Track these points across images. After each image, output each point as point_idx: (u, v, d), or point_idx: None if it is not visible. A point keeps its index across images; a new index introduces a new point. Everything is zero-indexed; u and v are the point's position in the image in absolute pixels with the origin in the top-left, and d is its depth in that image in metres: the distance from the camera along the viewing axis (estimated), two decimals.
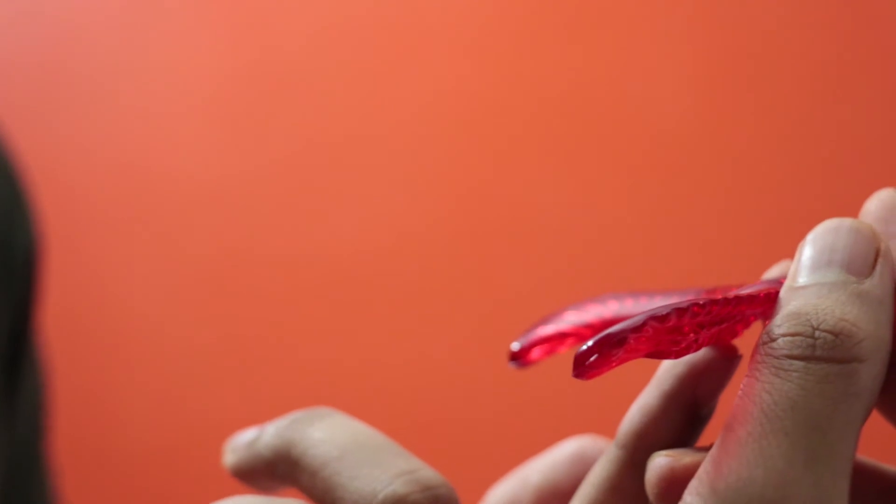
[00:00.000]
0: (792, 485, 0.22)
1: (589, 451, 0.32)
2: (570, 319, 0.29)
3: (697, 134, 0.95)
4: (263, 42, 1.01)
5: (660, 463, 0.25)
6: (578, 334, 0.28)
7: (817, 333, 0.23)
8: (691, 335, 0.24)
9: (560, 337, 0.28)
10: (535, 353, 0.28)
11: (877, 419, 0.29)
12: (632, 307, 0.28)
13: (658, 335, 0.24)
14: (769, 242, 0.93)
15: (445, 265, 0.98)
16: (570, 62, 0.96)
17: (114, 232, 1.02)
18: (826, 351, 0.23)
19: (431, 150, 0.99)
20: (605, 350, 0.23)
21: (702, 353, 0.26)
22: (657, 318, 0.23)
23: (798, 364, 0.23)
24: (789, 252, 0.29)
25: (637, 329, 0.23)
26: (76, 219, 1.02)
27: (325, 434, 0.28)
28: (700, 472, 0.23)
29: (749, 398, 0.23)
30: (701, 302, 0.24)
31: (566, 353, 0.28)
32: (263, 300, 1.00)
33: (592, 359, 0.23)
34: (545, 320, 0.29)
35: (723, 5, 0.95)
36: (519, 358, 0.28)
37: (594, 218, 0.96)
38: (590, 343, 0.23)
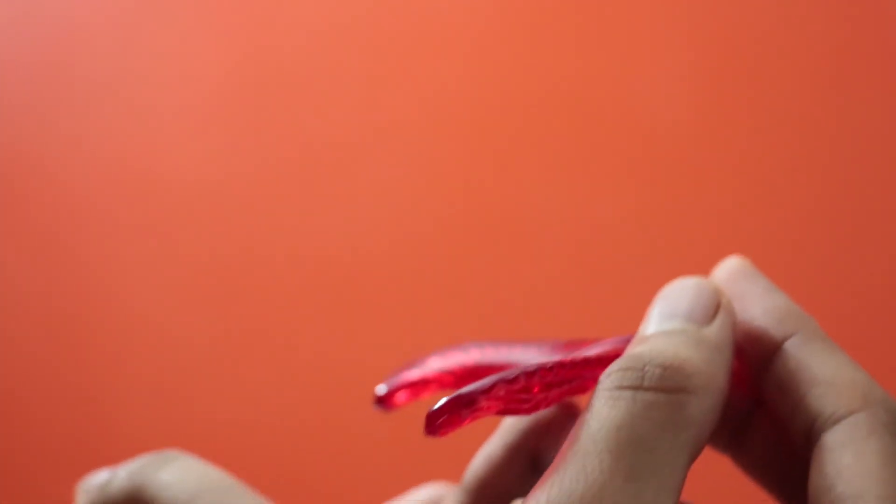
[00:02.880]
0: (611, 495, 0.22)
1: (442, 497, 0.34)
2: (434, 366, 0.30)
3: (698, 134, 0.95)
4: (264, 42, 1.01)
5: None
6: (440, 380, 0.30)
7: (647, 368, 0.24)
8: (540, 395, 0.25)
9: (423, 382, 0.30)
10: (400, 397, 0.30)
11: (735, 471, 0.30)
12: (492, 355, 0.30)
13: (508, 395, 0.25)
14: (770, 242, 0.93)
15: (446, 265, 0.98)
16: (570, 63, 0.97)
17: (114, 232, 1.02)
18: (653, 381, 0.24)
19: (432, 150, 0.99)
20: (456, 410, 0.25)
21: (545, 410, 0.28)
22: (506, 381, 0.25)
23: (626, 393, 0.24)
24: (790, 253, 0.30)
25: (486, 391, 0.25)
26: (76, 219, 1.02)
27: (175, 477, 0.30)
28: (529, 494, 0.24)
29: (578, 425, 0.24)
30: (549, 366, 0.25)
31: (430, 398, 0.29)
32: (263, 300, 1.00)
33: (442, 419, 0.25)
34: (409, 365, 0.31)
35: (723, 5, 0.95)
36: (384, 402, 0.30)
37: (594, 219, 0.96)
38: (441, 403, 0.25)
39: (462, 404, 0.25)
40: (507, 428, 0.30)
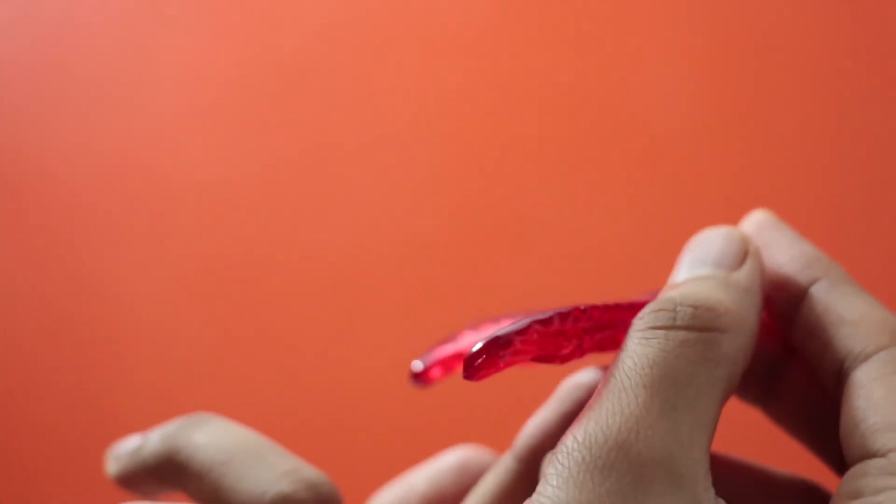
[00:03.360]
0: (647, 428, 0.23)
1: (473, 461, 0.34)
2: (467, 340, 0.31)
3: (698, 134, 0.95)
4: (264, 42, 1.01)
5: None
6: None
7: (679, 308, 0.25)
8: (575, 340, 0.26)
9: (457, 357, 0.30)
10: (435, 372, 0.30)
11: (765, 423, 0.30)
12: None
13: (543, 339, 0.25)
14: None
15: (446, 266, 0.98)
16: (570, 63, 0.96)
17: (114, 232, 1.02)
18: (685, 320, 0.24)
19: (433, 150, 0.99)
20: (493, 352, 0.25)
21: (599, 376, 0.28)
22: (541, 322, 0.25)
23: (659, 332, 0.24)
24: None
25: (522, 332, 0.25)
26: (76, 219, 1.02)
27: (209, 438, 0.30)
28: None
29: (613, 366, 0.24)
30: (582, 307, 0.26)
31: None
32: (264, 300, 1.00)
33: (480, 360, 0.25)
34: (444, 341, 0.31)
35: (723, 5, 0.95)
36: (420, 378, 0.30)
37: (594, 219, 0.96)
38: (478, 345, 0.25)
39: (499, 345, 0.25)
40: (562, 395, 0.30)
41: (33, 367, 1.03)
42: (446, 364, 0.30)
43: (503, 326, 0.30)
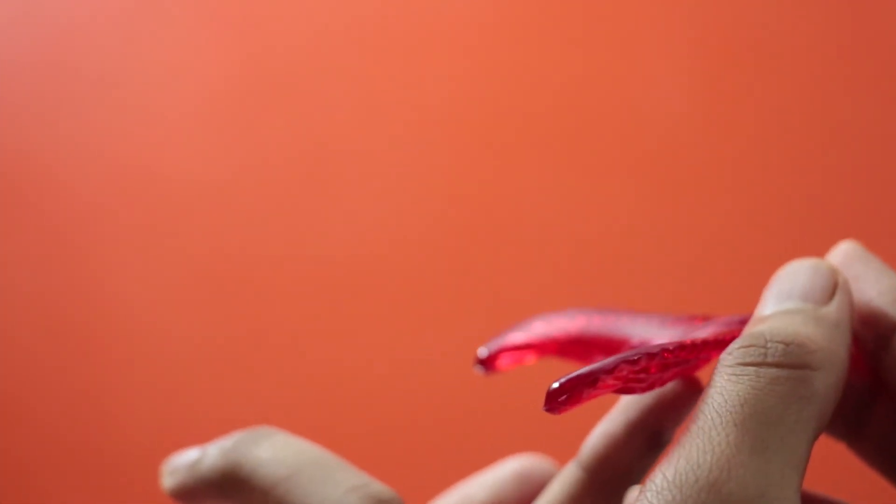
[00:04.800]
0: (738, 468, 0.22)
1: (533, 471, 0.33)
2: (538, 330, 0.30)
3: (697, 134, 0.95)
4: (264, 42, 1.01)
5: (635, 494, 0.26)
6: (543, 347, 0.30)
7: (769, 344, 0.24)
8: (655, 374, 0.26)
9: (526, 347, 0.30)
10: (503, 360, 0.30)
11: (851, 459, 0.29)
12: (598, 325, 0.30)
13: (627, 375, 0.25)
14: (769, 242, 0.93)
15: (445, 266, 0.98)
16: (571, 63, 0.97)
17: (114, 232, 1.02)
18: (777, 357, 0.24)
19: (432, 150, 0.99)
20: (577, 390, 0.25)
21: (667, 386, 0.28)
22: (629, 362, 0.25)
23: (749, 369, 0.24)
24: (789, 252, 0.30)
25: (609, 371, 0.25)
26: (76, 219, 1.02)
27: (273, 453, 0.29)
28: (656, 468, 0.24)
29: (702, 402, 0.24)
30: (671, 348, 0.26)
31: (533, 364, 0.29)
32: (263, 300, 1.00)
33: (564, 397, 0.25)
34: (513, 328, 0.30)
35: (723, 5, 0.95)
36: (486, 364, 0.30)
37: (594, 220, 0.96)
38: (562, 381, 0.25)
39: (585, 384, 0.25)
40: (629, 405, 0.29)
41: (33, 367, 1.03)
42: (516, 355, 0.30)
43: (575, 322, 0.29)
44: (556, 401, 0.25)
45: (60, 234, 1.02)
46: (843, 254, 0.29)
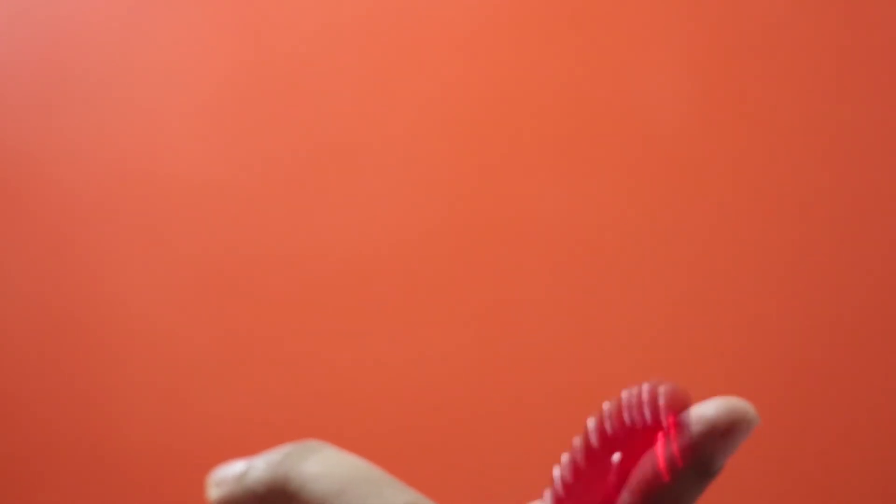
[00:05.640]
0: None
1: None
2: None
3: (697, 134, 0.95)
4: (264, 42, 1.01)
5: None
6: None
7: None
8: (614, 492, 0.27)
9: None
10: None
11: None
12: None
13: None
14: (769, 242, 0.93)
15: (445, 265, 0.98)
16: (571, 63, 0.97)
17: (114, 232, 1.02)
18: None
19: (432, 150, 0.99)
20: None
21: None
22: None
23: None
24: (789, 252, 0.29)
25: None
26: (76, 219, 1.02)
27: (322, 469, 0.28)
28: None
29: None
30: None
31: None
32: (262, 300, 1.00)
33: None
34: None
35: (723, 5, 0.95)
36: None
37: (593, 219, 0.96)
38: None
39: None
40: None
41: (33, 366, 1.03)
42: None
43: None
44: None
45: (60, 234, 1.02)
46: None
